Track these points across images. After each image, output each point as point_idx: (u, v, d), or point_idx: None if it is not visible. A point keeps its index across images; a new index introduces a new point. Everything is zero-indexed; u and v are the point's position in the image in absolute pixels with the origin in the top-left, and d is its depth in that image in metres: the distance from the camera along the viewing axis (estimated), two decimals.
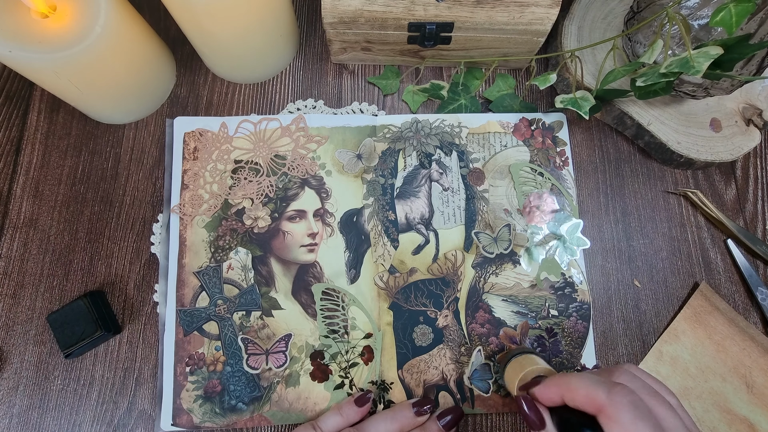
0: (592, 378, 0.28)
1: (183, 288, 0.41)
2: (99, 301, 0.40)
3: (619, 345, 0.42)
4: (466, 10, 0.39)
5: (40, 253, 0.42)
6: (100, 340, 0.40)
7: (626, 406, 0.26)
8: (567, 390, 0.29)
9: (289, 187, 0.43)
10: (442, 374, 0.40)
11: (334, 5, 0.39)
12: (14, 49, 0.34)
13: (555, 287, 0.42)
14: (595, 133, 0.47)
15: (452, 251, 0.42)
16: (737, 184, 0.46)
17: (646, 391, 0.28)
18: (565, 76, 0.45)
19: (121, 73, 0.40)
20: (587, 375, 0.29)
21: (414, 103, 0.47)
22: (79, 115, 0.45)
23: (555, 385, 0.30)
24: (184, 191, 0.42)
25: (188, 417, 0.38)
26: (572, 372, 0.30)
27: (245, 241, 0.42)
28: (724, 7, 0.31)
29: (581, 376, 0.29)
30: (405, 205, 0.43)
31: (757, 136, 0.44)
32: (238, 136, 0.44)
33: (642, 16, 0.40)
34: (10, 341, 0.40)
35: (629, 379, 0.29)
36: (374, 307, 0.41)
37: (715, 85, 0.39)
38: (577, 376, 0.29)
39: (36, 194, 0.43)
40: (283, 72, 0.48)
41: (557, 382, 0.30)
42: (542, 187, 0.44)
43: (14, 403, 0.39)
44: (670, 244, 0.44)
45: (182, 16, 0.39)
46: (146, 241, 0.43)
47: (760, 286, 0.43)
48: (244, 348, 0.40)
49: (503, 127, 0.45)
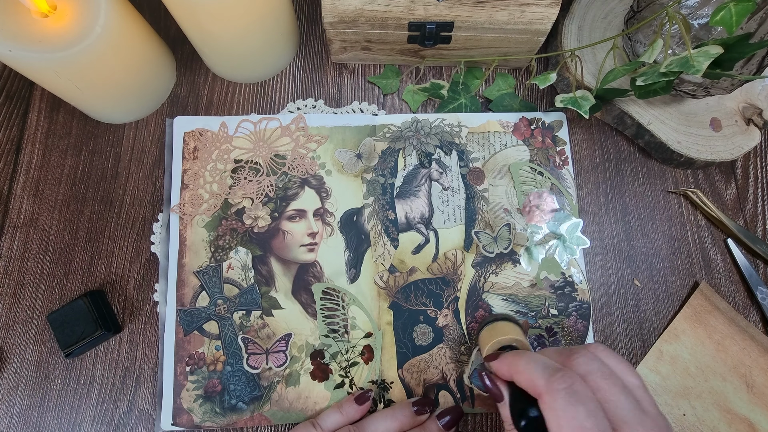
0: (540, 362, 0.28)
1: (183, 287, 0.41)
2: (99, 301, 0.40)
3: (619, 344, 0.42)
4: (466, 10, 0.39)
5: (40, 253, 0.42)
6: (100, 340, 0.40)
7: (560, 393, 0.26)
8: (515, 371, 0.29)
9: (289, 187, 0.43)
10: (442, 373, 0.40)
11: (334, 5, 0.39)
12: (14, 49, 0.34)
13: (555, 286, 0.42)
14: (595, 133, 0.47)
15: (452, 250, 0.42)
16: (737, 184, 0.46)
17: (600, 373, 0.27)
18: (565, 75, 0.45)
19: (121, 73, 0.40)
20: (538, 357, 0.29)
21: (414, 103, 0.47)
22: (79, 115, 0.46)
23: (506, 364, 0.30)
24: (184, 191, 0.42)
25: (188, 416, 0.38)
26: (527, 352, 0.30)
27: (245, 241, 0.42)
28: (724, 7, 0.31)
29: (530, 359, 0.29)
30: (405, 205, 0.43)
31: (757, 135, 0.44)
32: (238, 135, 0.44)
33: (642, 16, 0.40)
34: (10, 341, 0.40)
35: (585, 362, 0.28)
36: (374, 306, 0.41)
37: (715, 85, 0.39)
38: (527, 357, 0.29)
39: (36, 194, 0.43)
40: (283, 72, 0.48)
41: (509, 361, 0.30)
42: (542, 187, 0.44)
43: (14, 402, 0.39)
44: (670, 244, 0.44)
45: (182, 16, 0.39)
46: (146, 241, 0.43)
47: (760, 285, 0.43)
48: (244, 347, 0.40)
49: (503, 127, 0.45)
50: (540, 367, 0.28)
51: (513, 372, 0.29)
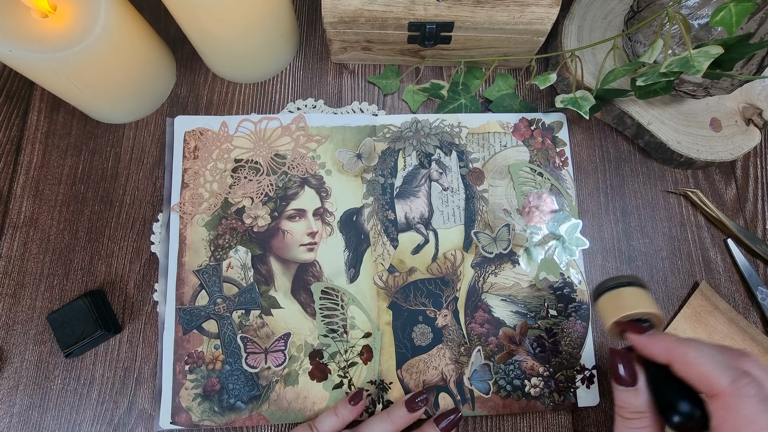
0: (715, 358, 0.26)
1: (182, 286, 0.41)
2: (99, 301, 0.40)
3: (619, 345, 0.42)
4: (466, 10, 0.39)
5: (40, 253, 0.42)
6: (100, 340, 0.40)
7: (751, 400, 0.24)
8: (681, 361, 0.26)
9: (288, 186, 0.43)
10: (442, 374, 0.40)
11: (334, 5, 0.39)
12: (14, 49, 0.34)
13: (554, 287, 0.42)
14: (595, 133, 0.47)
15: (451, 251, 0.42)
16: (737, 184, 0.46)
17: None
18: (565, 75, 0.45)
19: (121, 73, 0.40)
20: (709, 352, 0.26)
21: (414, 103, 0.47)
22: (79, 115, 0.46)
23: (665, 348, 0.27)
24: (184, 190, 0.42)
25: (187, 415, 0.38)
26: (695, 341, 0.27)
27: (245, 240, 0.42)
28: (724, 7, 0.31)
29: (703, 351, 0.26)
30: (404, 205, 0.43)
31: (757, 135, 0.44)
32: (239, 135, 0.44)
33: (642, 16, 0.40)
34: (10, 341, 0.40)
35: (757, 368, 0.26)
36: (373, 306, 0.41)
37: (715, 85, 0.39)
38: (697, 348, 0.26)
39: (36, 194, 0.44)
40: (283, 72, 0.48)
41: (670, 346, 0.27)
42: (541, 188, 0.44)
43: (14, 402, 0.39)
44: (670, 244, 0.44)
45: (182, 16, 0.39)
46: (146, 241, 0.43)
47: (760, 285, 0.43)
48: (243, 347, 0.40)
49: (503, 127, 0.45)
50: (719, 364, 0.25)
51: (678, 360, 0.26)
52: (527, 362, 0.40)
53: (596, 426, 0.40)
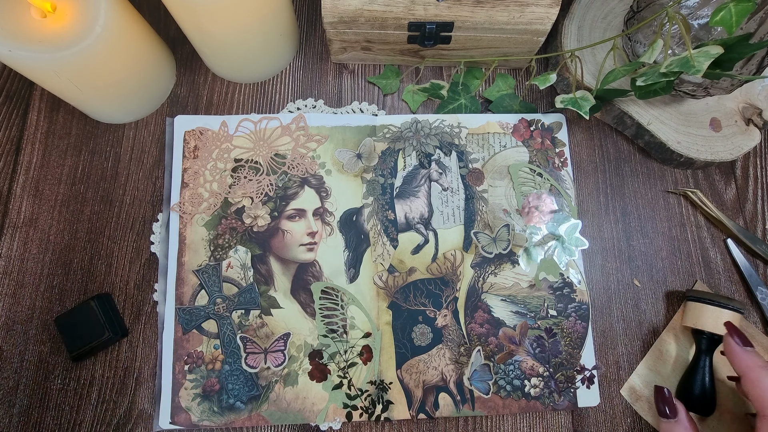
0: None
1: (182, 286, 0.41)
2: (107, 304, 0.40)
3: (618, 344, 0.42)
4: (466, 10, 0.39)
5: (40, 253, 0.42)
6: (107, 344, 0.40)
7: None
8: (752, 380, 0.33)
9: (288, 186, 0.43)
10: (442, 375, 0.40)
11: (334, 5, 0.39)
12: (14, 49, 0.34)
13: (553, 287, 0.42)
14: (595, 133, 0.47)
15: (451, 251, 0.42)
16: (737, 184, 0.46)
17: None
18: (565, 75, 0.45)
19: (121, 73, 0.40)
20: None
21: (414, 103, 0.47)
22: (79, 115, 0.46)
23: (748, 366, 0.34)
24: (184, 190, 0.42)
25: (186, 415, 0.38)
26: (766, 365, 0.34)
27: (245, 240, 0.42)
28: (724, 7, 0.31)
29: None
30: (404, 205, 0.43)
31: (756, 135, 0.44)
32: (239, 134, 0.44)
33: (642, 16, 0.40)
34: (10, 341, 0.40)
35: None
36: (373, 306, 0.41)
37: (715, 85, 0.39)
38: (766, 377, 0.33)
39: (36, 194, 0.44)
40: (283, 71, 0.48)
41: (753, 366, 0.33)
42: (541, 188, 0.44)
43: (14, 402, 0.39)
44: (669, 244, 0.44)
45: (182, 16, 0.39)
46: (146, 241, 0.43)
47: (760, 285, 0.43)
48: (243, 347, 0.40)
49: (502, 128, 0.45)
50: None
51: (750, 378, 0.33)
52: (527, 362, 0.40)
53: (596, 426, 0.40)
